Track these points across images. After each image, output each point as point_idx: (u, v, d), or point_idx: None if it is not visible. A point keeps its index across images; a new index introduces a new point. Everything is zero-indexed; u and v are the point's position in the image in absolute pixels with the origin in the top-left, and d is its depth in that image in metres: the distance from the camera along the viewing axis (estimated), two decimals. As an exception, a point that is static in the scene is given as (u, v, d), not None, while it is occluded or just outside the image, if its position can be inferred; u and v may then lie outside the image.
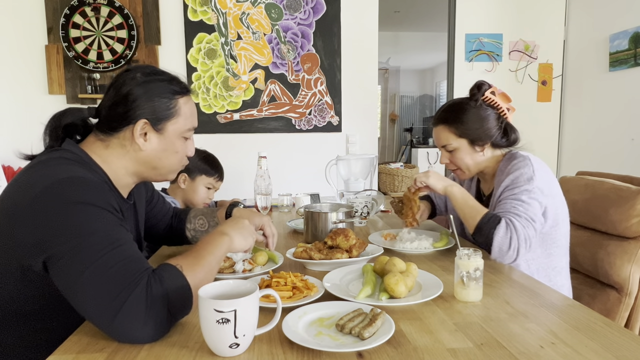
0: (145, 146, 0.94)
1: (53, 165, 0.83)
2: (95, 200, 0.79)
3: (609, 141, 2.98)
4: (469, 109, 1.34)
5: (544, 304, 0.91)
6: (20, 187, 0.80)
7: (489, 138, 1.34)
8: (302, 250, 1.16)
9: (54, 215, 0.75)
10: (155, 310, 0.73)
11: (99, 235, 0.75)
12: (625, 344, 0.73)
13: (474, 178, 1.51)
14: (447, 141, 1.37)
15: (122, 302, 0.71)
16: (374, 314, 0.78)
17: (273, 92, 2.97)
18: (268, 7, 2.91)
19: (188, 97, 1.00)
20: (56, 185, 0.77)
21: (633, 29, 2.71)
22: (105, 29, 2.79)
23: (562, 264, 1.33)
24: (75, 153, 0.90)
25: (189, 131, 1.00)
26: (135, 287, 0.72)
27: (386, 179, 3.44)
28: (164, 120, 0.95)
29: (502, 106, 1.35)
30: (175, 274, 0.77)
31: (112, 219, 0.80)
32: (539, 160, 1.29)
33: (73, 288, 0.74)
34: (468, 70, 3.29)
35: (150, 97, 0.93)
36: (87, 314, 0.74)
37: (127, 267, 0.74)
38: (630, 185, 1.39)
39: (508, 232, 1.13)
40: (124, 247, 0.77)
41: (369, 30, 3.03)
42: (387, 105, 7.90)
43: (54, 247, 0.74)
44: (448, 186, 1.28)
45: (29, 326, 0.87)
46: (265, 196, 1.83)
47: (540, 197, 1.20)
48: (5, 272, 0.83)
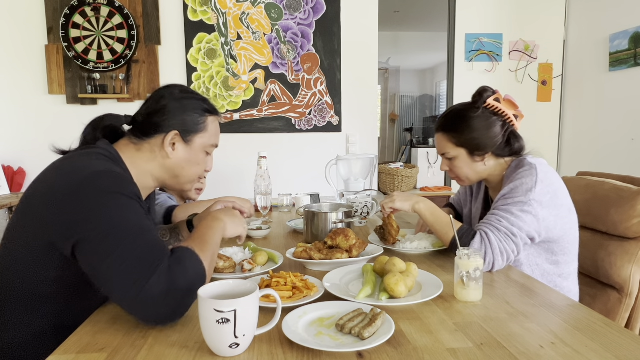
0: (173, 155, 1.03)
1: (92, 159, 0.92)
2: (128, 192, 0.86)
3: (609, 141, 2.98)
4: (470, 117, 1.28)
5: (544, 304, 0.91)
6: (59, 174, 0.88)
7: (489, 148, 1.28)
8: (302, 250, 1.15)
9: (90, 202, 0.82)
10: (175, 290, 0.78)
11: (129, 222, 0.82)
12: (625, 344, 0.73)
13: (482, 185, 1.49)
14: (445, 149, 1.33)
15: (145, 280, 0.76)
16: (374, 314, 0.78)
17: (273, 92, 2.97)
18: (268, 7, 2.91)
19: (216, 117, 1.11)
20: (94, 176, 0.85)
21: (633, 29, 2.71)
22: (105, 29, 2.79)
23: (570, 270, 1.30)
24: (108, 151, 0.98)
25: (212, 147, 1.11)
26: (157, 268, 0.78)
27: (386, 179, 3.44)
28: (193, 133, 1.05)
29: (508, 113, 1.28)
30: (192, 255, 0.84)
31: (140, 209, 0.87)
32: (546, 169, 1.24)
33: (100, 268, 0.79)
34: (468, 70, 3.29)
35: (184, 111, 1.04)
36: (113, 293, 0.78)
37: (151, 250, 0.81)
38: (630, 185, 1.39)
39: (482, 245, 1.12)
40: (149, 233, 0.84)
41: (369, 30, 3.03)
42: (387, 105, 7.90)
43: (87, 231, 0.80)
44: (415, 204, 1.26)
45: (38, 309, 0.89)
46: (265, 196, 1.83)
47: (537, 210, 1.16)
48: (27, 251, 0.87)
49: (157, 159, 1.03)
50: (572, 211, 1.29)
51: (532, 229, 1.16)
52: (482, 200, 1.48)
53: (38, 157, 2.83)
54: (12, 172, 2.75)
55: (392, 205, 1.29)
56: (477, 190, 1.53)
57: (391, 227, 1.31)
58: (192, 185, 1.12)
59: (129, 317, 0.85)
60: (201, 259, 0.85)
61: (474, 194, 1.54)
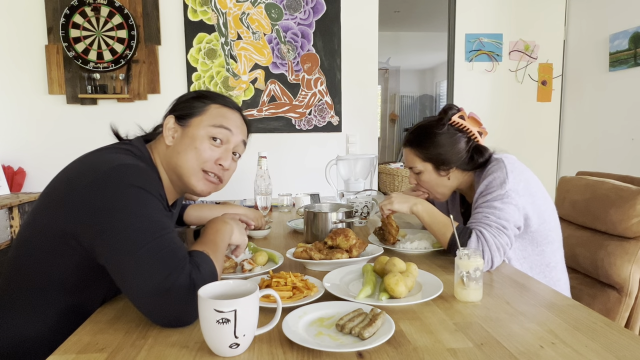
0: (173, 141, 1.01)
1: (120, 153, 0.93)
2: (151, 189, 0.86)
3: (609, 141, 2.98)
4: (435, 133, 1.32)
5: (543, 304, 0.91)
6: (88, 164, 0.89)
7: (454, 163, 1.32)
8: (302, 250, 1.15)
9: (113, 193, 0.82)
10: (195, 294, 0.76)
11: (152, 219, 0.82)
12: (625, 344, 0.73)
13: (456, 193, 1.51)
14: (413, 164, 1.37)
15: (171, 283, 0.77)
16: (374, 314, 0.78)
17: (273, 92, 2.97)
18: (268, 7, 2.91)
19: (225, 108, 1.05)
20: (121, 168, 0.85)
21: (633, 29, 2.71)
22: (105, 29, 2.79)
23: (556, 258, 1.32)
24: (139, 149, 0.99)
25: (215, 128, 1.01)
26: (182, 271, 0.78)
27: (386, 179, 3.45)
28: (189, 117, 1.02)
29: (472, 130, 1.33)
30: (207, 260, 0.85)
31: (161, 208, 0.87)
32: (512, 160, 1.28)
33: (121, 263, 0.79)
34: (468, 70, 3.29)
35: (188, 102, 1.03)
36: (132, 290, 0.78)
37: (175, 252, 0.80)
38: (630, 185, 1.39)
39: (479, 244, 1.13)
40: (171, 234, 0.84)
41: (369, 30, 3.03)
42: (387, 105, 7.90)
43: (109, 222, 0.80)
44: (412, 205, 1.28)
45: (54, 298, 0.89)
46: (265, 196, 1.83)
47: (516, 199, 1.20)
48: (44, 239, 0.87)
49: (163, 150, 1.02)
50: (547, 198, 1.32)
51: (516, 219, 1.20)
52: (459, 204, 1.52)
53: (38, 157, 2.84)
54: (12, 172, 2.74)
55: (390, 207, 1.30)
56: (452, 196, 1.54)
57: (391, 226, 1.31)
58: (197, 179, 1.01)
59: (129, 317, 0.85)
60: (214, 263, 0.86)
61: (449, 200, 1.56)
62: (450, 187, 1.38)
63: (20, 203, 2.44)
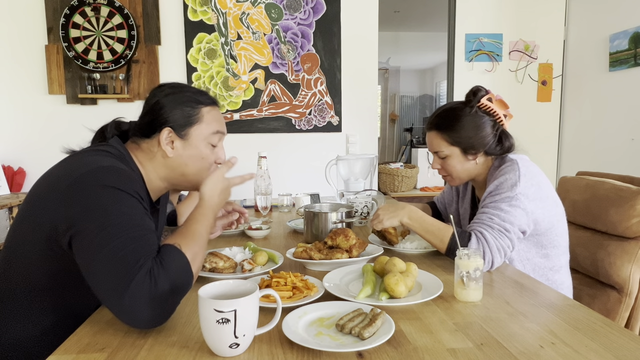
0: (173, 153, 1.01)
1: (99, 155, 0.93)
2: (128, 188, 0.85)
3: (609, 141, 2.98)
4: (463, 115, 1.29)
5: (544, 304, 0.91)
6: (67, 167, 0.89)
7: (482, 147, 1.29)
8: (302, 250, 1.15)
9: (89, 195, 0.82)
10: (158, 293, 0.75)
11: (124, 218, 0.81)
12: (625, 344, 0.73)
13: (469, 185, 1.50)
14: (439, 148, 1.33)
15: (128, 283, 0.74)
16: (374, 314, 0.78)
17: (273, 92, 2.97)
18: (268, 7, 2.91)
19: (212, 107, 1.06)
20: (98, 170, 0.85)
21: (633, 29, 2.71)
22: (105, 29, 2.79)
23: (561, 262, 1.32)
24: (118, 150, 0.99)
25: (214, 135, 1.05)
26: (140, 269, 0.75)
27: (386, 179, 3.45)
28: (186, 126, 1.01)
29: (499, 113, 1.30)
30: (174, 252, 0.82)
31: (139, 207, 0.86)
32: (527, 163, 1.26)
33: (90, 266, 0.78)
34: (468, 70, 3.28)
35: (174, 106, 1.01)
36: (99, 293, 0.77)
37: (137, 250, 0.78)
38: (630, 185, 1.39)
39: (480, 246, 1.12)
40: (142, 231, 0.82)
41: (369, 31, 3.03)
42: (387, 105, 7.90)
43: (83, 223, 0.80)
44: (402, 218, 1.23)
45: (41, 303, 0.89)
46: (265, 196, 1.83)
47: (525, 203, 1.18)
48: (29, 244, 0.88)
49: (157, 158, 1.01)
50: (558, 203, 1.31)
51: (522, 223, 1.18)
52: (470, 199, 1.48)
53: (38, 157, 2.84)
54: (12, 172, 2.75)
55: (381, 226, 1.26)
56: (463, 190, 1.53)
57: (388, 233, 1.30)
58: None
59: (129, 317, 0.85)
60: (186, 254, 0.82)
61: (461, 194, 1.54)
62: (473, 171, 1.34)
63: (20, 203, 2.44)
